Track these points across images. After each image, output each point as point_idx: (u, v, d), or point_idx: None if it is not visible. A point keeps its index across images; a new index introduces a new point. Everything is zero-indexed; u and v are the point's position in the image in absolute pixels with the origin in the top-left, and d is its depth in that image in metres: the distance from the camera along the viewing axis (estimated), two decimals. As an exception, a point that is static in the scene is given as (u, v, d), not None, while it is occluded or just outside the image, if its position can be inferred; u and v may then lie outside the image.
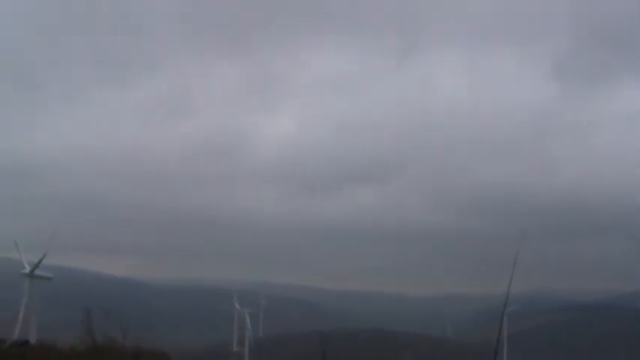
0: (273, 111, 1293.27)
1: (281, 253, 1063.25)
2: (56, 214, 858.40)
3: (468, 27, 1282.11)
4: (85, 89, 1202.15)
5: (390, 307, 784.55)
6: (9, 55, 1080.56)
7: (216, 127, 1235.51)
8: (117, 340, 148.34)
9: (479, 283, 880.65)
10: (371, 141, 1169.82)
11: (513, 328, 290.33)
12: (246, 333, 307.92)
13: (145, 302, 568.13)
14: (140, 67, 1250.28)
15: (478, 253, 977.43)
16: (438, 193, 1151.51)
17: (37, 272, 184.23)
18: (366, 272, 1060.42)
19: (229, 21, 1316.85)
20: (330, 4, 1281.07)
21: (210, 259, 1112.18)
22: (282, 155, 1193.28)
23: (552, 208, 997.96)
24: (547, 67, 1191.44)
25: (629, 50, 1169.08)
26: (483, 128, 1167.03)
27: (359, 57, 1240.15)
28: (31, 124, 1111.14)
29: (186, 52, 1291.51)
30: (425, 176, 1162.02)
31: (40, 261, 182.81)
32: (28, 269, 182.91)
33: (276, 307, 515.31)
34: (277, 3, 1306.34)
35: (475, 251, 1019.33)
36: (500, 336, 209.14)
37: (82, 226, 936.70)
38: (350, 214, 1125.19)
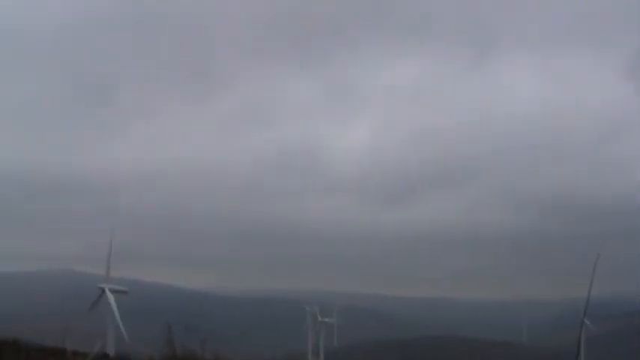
0: (347, 121, 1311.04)
1: (353, 263, 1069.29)
2: (132, 228, 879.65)
3: (540, 30, 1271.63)
4: (163, 104, 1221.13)
5: (464, 313, 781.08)
6: (89, 70, 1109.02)
7: (292, 139, 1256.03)
8: (195, 353, 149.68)
9: (555, 287, 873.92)
10: (445, 147, 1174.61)
11: (590, 332, 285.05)
12: (320, 343, 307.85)
13: (219, 314, 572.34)
14: (215, 81, 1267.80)
15: (555, 256, 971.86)
16: (513, 197, 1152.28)
17: (113, 286, 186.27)
18: (439, 278, 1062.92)
19: (303, 33, 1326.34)
20: (402, 13, 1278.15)
21: (283, 270, 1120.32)
22: (356, 165, 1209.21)
23: (632, 209, 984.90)
24: (621, 68, 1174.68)
25: None
26: (558, 130, 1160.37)
27: (433, 64, 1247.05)
28: (110, 139, 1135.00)
29: (261, 65, 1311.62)
30: (500, 180, 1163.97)
31: (110, 274, 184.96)
32: (103, 283, 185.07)
33: (350, 317, 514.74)
34: (349, 14, 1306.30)
35: (551, 255, 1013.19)
36: (580, 341, 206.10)
37: (158, 239, 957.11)
38: (423, 222, 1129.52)
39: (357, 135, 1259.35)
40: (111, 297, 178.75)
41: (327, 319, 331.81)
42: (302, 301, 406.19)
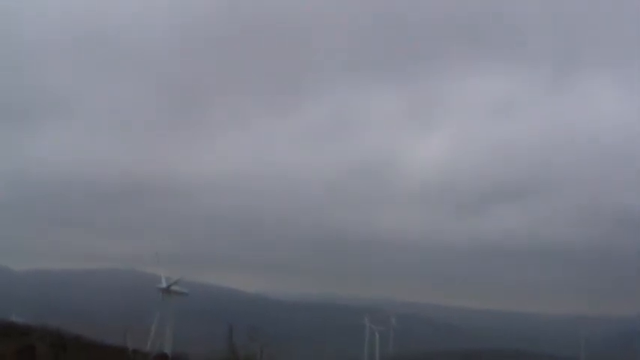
0: (428, 135, 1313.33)
1: (419, 272, 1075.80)
2: (207, 232, 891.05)
3: (618, 49, 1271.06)
4: (251, 114, 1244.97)
5: (527, 327, 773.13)
6: (183, 81, 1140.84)
7: (371, 151, 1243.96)
8: (255, 355, 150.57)
9: (620, 303, 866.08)
10: (521, 162, 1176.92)
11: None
12: (376, 351, 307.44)
13: (276, 318, 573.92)
14: (304, 92, 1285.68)
15: (621, 271, 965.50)
16: (586, 211, 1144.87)
17: (174, 287, 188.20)
18: (504, 291, 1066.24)
19: (387, 49, 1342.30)
20: (486, 32, 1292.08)
21: (350, 277, 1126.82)
22: (433, 177, 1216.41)
23: None
24: None
25: None
26: (634, 147, 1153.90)
27: (514, 82, 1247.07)
28: (195, 147, 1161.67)
29: (346, 80, 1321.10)
30: (572, 195, 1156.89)
31: (178, 279, 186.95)
32: (165, 284, 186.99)
33: (409, 326, 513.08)
34: (434, 31, 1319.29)
35: (618, 270, 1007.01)
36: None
37: (230, 244, 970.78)
38: (493, 234, 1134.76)
39: (436, 147, 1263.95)
40: (164, 298, 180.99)
41: (382, 327, 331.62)
42: (362, 308, 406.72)
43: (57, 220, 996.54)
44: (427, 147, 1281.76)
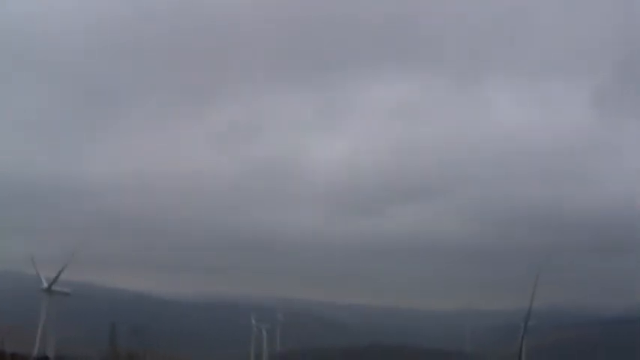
0: (333, 137, 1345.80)
1: (314, 271, 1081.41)
2: (97, 233, 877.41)
3: (523, 57, 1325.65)
4: (156, 117, 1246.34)
5: (411, 322, 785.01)
6: (92, 84, 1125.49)
7: (277, 153, 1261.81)
8: (139, 355, 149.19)
9: (500, 297, 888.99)
10: (420, 163, 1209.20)
11: (534, 343, 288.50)
12: (263, 349, 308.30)
13: (165, 317, 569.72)
14: (209, 98, 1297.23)
15: (506, 267, 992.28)
16: (474, 210, 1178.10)
17: (56, 288, 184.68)
18: (394, 288, 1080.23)
19: (294, 53, 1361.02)
20: (391, 36, 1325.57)
21: (245, 277, 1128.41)
22: (335, 178, 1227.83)
23: (580, 225, 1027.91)
24: (591, 96, 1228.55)
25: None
26: (528, 150, 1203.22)
27: (417, 85, 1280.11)
28: (100, 148, 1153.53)
29: (255, 84, 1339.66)
30: (464, 194, 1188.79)
31: (58, 276, 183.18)
32: (45, 284, 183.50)
33: (297, 323, 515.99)
34: (340, 36, 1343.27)
35: (503, 265, 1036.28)
36: (521, 351, 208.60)
37: (118, 244, 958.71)
38: (387, 233, 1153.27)
39: (340, 149, 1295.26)
40: (45, 299, 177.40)
41: (270, 325, 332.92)
42: (250, 306, 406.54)
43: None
44: (331, 149, 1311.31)
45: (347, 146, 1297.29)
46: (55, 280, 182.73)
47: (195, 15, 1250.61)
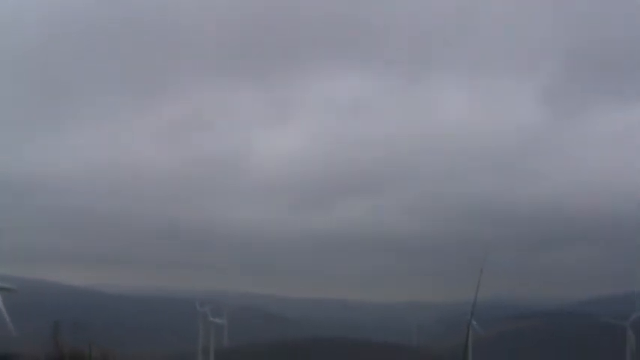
0: (284, 131, 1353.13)
1: (252, 264, 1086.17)
2: (37, 228, 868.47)
3: (470, 56, 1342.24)
4: (104, 111, 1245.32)
5: (356, 315, 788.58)
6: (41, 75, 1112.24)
7: (227, 147, 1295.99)
8: (83, 352, 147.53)
9: (445, 290, 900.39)
10: (370, 157, 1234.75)
11: (477, 335, 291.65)
12: (210, 343, 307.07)
13: (110, 312, 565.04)
14: (160, 92, 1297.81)
15: (453, 259, 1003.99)
16: (422, 204, 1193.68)
17: None
18: (335, 281, 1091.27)
19: (248, 49, 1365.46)
20: (344, 34, 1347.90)
21: (180, 269, 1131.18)
22: (285, 172, 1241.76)
23: (522, 220, 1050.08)
24: (538, 92, 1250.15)
25: (615, 77, 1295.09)
26: (474, 146, 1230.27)
27: (366, 82, 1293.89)
28: (47, 141, 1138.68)
29: (207, 79, 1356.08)
30: (412, 188, 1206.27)
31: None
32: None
33: (243, 318, 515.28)
34: (294, 33, 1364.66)
35: (450, 258, 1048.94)
36: (467, 343, 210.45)
37: (59, 238, 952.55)
38: (335, 226, 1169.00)
39: (291, 143, 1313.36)
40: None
41: (217, 319, 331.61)
42: (196, 300, 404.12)
43: None
44: (281, 144, 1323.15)
45: (296, 141, 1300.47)
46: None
47: (146, 9, 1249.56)
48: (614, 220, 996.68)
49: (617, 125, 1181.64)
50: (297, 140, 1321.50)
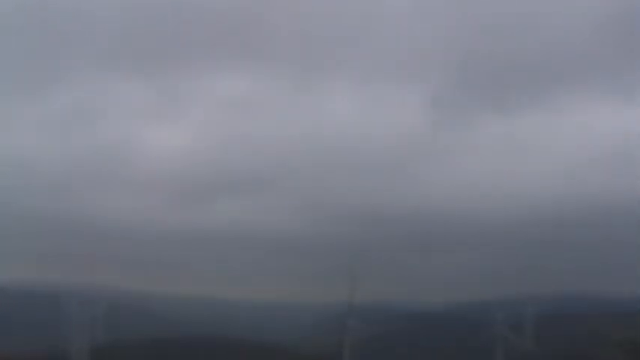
0: (170, 127, 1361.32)
1: (130, 259, 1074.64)
2: None
3: (362, 60, 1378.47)
4: None
5: (232, 313, 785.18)
6: None
7: (112, 141, 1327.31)
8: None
9: (322, 290, 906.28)
10: (254, 156, 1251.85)
11: (352, 336, 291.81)
12: (79, 340, 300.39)
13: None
14: (48, 83, 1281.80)
15: (323, 261, 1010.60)
16: (304, 203, 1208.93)
17: None
18: (212, 278, 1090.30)
19: (137, 44, 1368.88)
20: (233, 29, 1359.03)
21: (56, 262, 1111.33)
22: (170, 167, 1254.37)
23: (403, 222, 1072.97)
24: (426, 100, 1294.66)
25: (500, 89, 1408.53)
26: (359, 149, 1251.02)
27: (256, 80, 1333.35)
28: None
29: (96, 73, 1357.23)
30: (290, 190, 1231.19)
31: None
32: None
33: (117, 313, 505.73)
34: (183, 29, 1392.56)
35: (320, 259, 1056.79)
36: (342, 344, 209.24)
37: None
38: (208, 224, 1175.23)
39: (176, 139, 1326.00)
40: None
41: (91, 315, 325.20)
42: (70, 295, 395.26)
43: None
44: (167, 138, 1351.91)
45: (183, 136, 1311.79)
46: None
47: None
48: (494, 227, 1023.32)
49: (499, 134, 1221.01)
50: (185, 135, 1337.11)
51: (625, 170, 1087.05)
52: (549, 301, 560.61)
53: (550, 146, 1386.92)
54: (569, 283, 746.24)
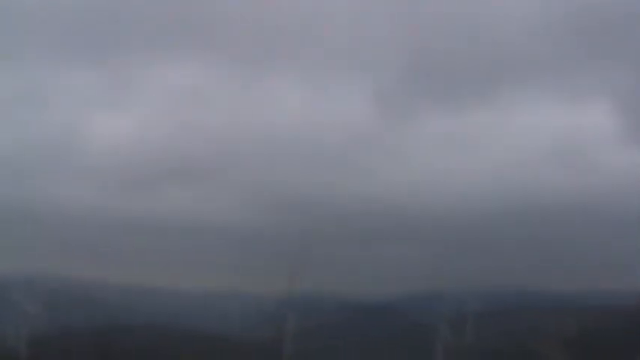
0: (119, 115, 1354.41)
1: (75, 246, 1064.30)
2: None
3: (313, 51, 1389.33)
4: None
5: (175, 302, 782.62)
6: None
7: (58, 127, 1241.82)
8: None
9: (265, 281, 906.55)
10: (201, 145, 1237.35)
11: (296, 328, 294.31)
12: (22, 328, 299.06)
13: None
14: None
15: (269, 251, 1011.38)
16: (247, 194, 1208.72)
17: None
18: (156, 267, 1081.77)
19: (88, 31, 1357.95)
20: (184, 17, 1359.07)
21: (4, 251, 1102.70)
22: (112, 154, 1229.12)
23: (350, 214, 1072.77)
24: (377, 93, 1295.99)
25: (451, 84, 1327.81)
26: (306, 140, 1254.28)
27: (206, 69, 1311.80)
28: None
29: (42, 58, 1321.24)
30: (237, 179, 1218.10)
31: None
32: None
33: (59, 301, 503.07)
34: (134, 18, 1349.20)
35: (265, 249, 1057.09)
36: (283, 335, 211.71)
37: None
38: (156, 212, 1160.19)
39: (124, 126, 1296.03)
40: None
41: (32, 303, 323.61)
42: (12, 283, 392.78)
43: None
44: (115, 126, 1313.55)
45: (131, 124, 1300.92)
46: None
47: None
48: (438, 220, 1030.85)
49: (448, 129, 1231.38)
50: (133, 124, 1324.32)
51: (572, 168, 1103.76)
52: (491, 296, 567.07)
53: (498, 142, 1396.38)
54: (511, 278, 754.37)
